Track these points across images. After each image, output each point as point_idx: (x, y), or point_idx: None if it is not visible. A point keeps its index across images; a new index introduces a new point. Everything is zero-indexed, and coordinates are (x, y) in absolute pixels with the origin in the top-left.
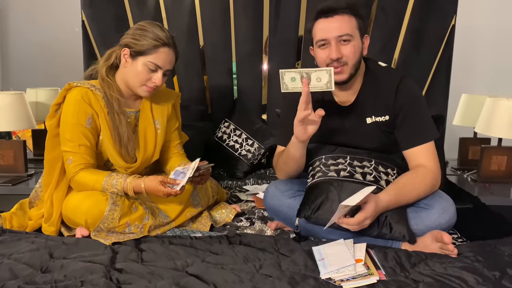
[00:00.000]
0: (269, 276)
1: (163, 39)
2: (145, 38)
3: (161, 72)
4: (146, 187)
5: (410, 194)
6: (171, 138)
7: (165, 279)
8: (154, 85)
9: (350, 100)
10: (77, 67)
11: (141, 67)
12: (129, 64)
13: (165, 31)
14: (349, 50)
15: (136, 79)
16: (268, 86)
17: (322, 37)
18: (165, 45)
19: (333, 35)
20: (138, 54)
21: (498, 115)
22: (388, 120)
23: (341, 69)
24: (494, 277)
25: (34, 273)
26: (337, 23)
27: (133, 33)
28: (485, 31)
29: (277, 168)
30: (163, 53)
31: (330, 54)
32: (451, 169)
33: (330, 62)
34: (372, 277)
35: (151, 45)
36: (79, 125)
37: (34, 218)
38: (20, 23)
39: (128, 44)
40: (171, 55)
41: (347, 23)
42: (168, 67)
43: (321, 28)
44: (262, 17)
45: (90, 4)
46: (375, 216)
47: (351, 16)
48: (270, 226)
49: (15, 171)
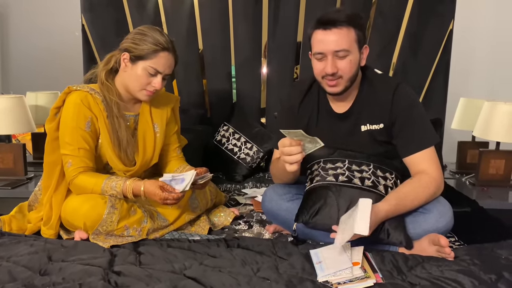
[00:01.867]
0: (267, 279)
1: (162, 43)
2: (144, 43)
3: (160, 77)
4: (146, 189)
5: (411, 204)
6: (170, 141)
7: (163, 282)
8: (154, 89)
9: (345, 108)
10: (77, 70)
11: (140, 72)
12: (129, 68)
13: (164, 36)
14: (345, 65)
15: (136, 83)
16: (267, 90)
17: (319, 50)
18: (165, 49)
19: (330, 49)
20: (137, 58)
21: (496, 119)
22: (383, 128)
23: (336, 82)
24: (490, 280)
25: (33, 276)
26: (334, 37)
27: (133, 37)
28: (483, 36)
29: (274, 177)
30: (162, 57)
31: (326, 68)
32: (449, 173)
33: (325, 75)
34: (369, 280)
35: (150, 49)
36: (78, 129)
37: (33, 221)
38: (20, 27)
39: (127, 48)
40: (171, 59)
41: (345, 37)
42: (168, 72)
43: (318, 40)
44: (261, 21)
45: (90, 8)
46: (376, 225)
47: (350, 29)
48: (268, 230)
49: (15, 174)
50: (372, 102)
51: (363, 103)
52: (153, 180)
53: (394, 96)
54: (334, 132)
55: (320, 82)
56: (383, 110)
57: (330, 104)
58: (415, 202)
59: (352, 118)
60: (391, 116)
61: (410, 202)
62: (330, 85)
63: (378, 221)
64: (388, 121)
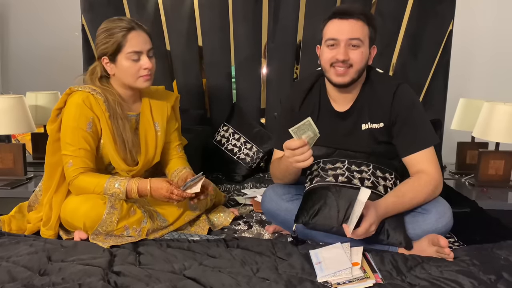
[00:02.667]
0: (266, 280)
1: (125, 26)
2: (110, 37)
3: (145, 56)
4: (152, 183)
5: (410, 202)
6: (170, 139)
7: (163, 282)
8: (148, 71)
9: (347, 107)
10: (77, 71)
11: (125, 63)
12: (115, 68)
13: (124, 19)
14: (356, 55)
15: (128, 75)
16: (267, 90)
17: (332, 36)
18: (131, 29)
19: (344, 37)
20: (115, 54)
21: (495, 119)
22: (383, 127)
23: (345, 70)
24: (489, 281)
25: (32, 276)
26: (350, 26)
27: (100, 41)
28: (483, 36)
29: (274, 177)
30: (133, 38)
31: (337, 54)
32: (449, 173)
33: (335, 62)
34: (368, 281)
35: (119, 38)
36: (79, 129)
37: (32, 221)
38: (20, 27)
39: (102, 53)
40: (142, 35)
41: (360, 28)
42: (147, 47)
43: (333, 27)
44: (261, 21)
45: (90, 8)
46: (379, 221)
47: (365, 24)
48: (268, 230)
49: (14, 174)
50: (373, 101)
51: (364, 102)
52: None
53: (395, 96)
54: (335, 130)
55: (327, 71)
56: (384, 110)
57: (332, 103)
58: (414, 201)
59: (353, 117)
60: (392, 115)
61: (409, 200)
62: (338, 73)
63: (380, 216)
64: (388, 121)
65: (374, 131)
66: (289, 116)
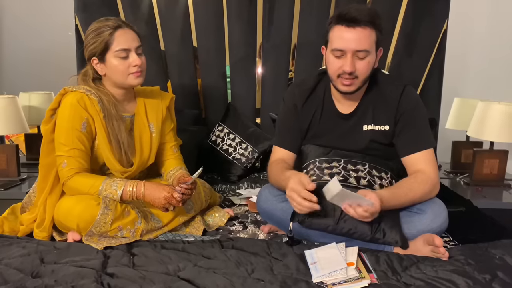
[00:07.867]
0: (261, 280)
1: (112, 25)
2: (97, 37)
3: (133, 53)
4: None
5: (405, 197)
6: (166, 140)
7: (157, 283)
8: (137, 67)
9: (351, 108)
10: (70, 71)
11: (114, 61)
12: (105, 68)
13: (110, 19)
14: (363, 66)
15: (119, 73)
16: (262, 90)
17: (339, 47)
18: (117, 27)
19: (351, 48)
20: (103, 54)
21: (490, 118)
22: (388, 130)
23: (351, 82)
24: (484, 280)
25: (25, 278)
26: (357, 36)
27: (87, 42)
28: (477, 35)
29: (271, 179)
30: (120, 35)
31: (344, 66)
32: (443, 173)
33: (342, 73)
34: (363, 281)
35: (106, 36)
36: (74, 129)
37: (25, 222)
38: (13, 27)
39: (91, 53)
40: (129, 32)
41: (367, 38)
42: (135, 44)
43: (340, 37)
44: (256, 22)
45: (84, 8)
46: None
47: (372, 30)
48: (263, 230)
49: (8, 175)
50: (379, 103)
51: (369, 104)
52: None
53: (401, 97)
54: (336, 131)
55: (334, 80)
56: (389, 112)
57: (335, 104)
58: (409, 197)
59: (356, 118)
60: (397, 115)
61: (405, 195)
62: (345, 84)
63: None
64: (393, 123)
65: (376, 132)
66: (291, 113)
